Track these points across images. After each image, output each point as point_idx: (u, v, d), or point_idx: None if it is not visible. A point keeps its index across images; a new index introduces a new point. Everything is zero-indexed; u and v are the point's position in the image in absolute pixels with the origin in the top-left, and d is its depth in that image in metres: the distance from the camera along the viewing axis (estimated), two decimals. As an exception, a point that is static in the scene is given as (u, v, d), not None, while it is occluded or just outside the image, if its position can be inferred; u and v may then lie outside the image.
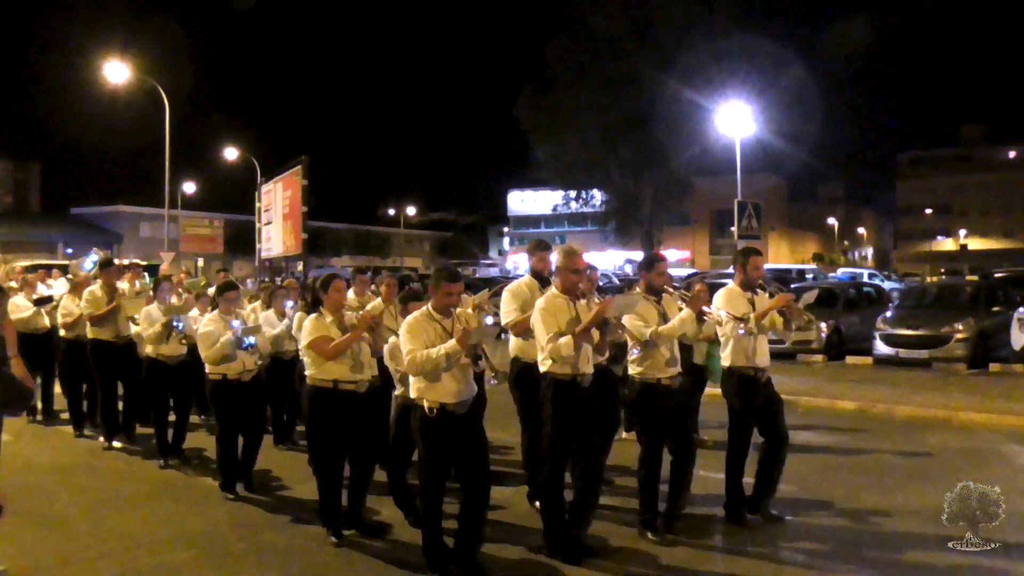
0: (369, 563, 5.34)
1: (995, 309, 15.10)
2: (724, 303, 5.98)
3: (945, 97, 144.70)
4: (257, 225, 31.81)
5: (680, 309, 5.68)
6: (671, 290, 5.82)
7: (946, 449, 8.46)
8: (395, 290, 7.64)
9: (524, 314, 5.90)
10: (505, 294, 6.28)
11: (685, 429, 5.97)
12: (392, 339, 5.78)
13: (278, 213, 28.01)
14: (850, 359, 14.82)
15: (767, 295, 6.15)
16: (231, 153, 42.56)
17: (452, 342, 4.85)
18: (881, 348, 14.55)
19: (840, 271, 39.22)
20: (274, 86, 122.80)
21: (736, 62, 38.23)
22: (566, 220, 61.62)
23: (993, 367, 13.47)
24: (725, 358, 6.09)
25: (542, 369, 5.33)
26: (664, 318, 5.68)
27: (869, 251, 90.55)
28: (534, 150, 43.54)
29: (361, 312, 6.09)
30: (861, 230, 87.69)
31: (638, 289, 5.94)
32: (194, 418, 9.20)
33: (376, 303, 7.58)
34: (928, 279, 39.78)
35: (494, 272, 53.02)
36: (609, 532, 5.72)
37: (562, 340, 5.12)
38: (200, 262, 51.09)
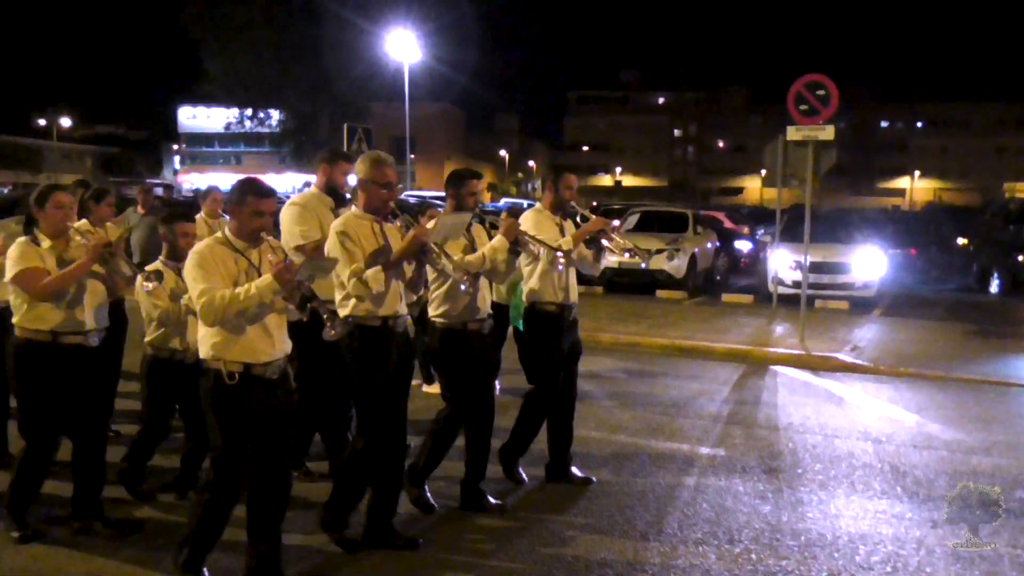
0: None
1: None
2: (532, 228, 5.10)
3: (607, 43, 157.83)
4: None
5: (490, 237, 4.82)
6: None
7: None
8: (113, 207, 5.97)
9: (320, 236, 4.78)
10: (291, 209, 4.99)
11: (489, 383, 5.12)
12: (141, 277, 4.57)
13: None
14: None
15: (576, 220, 5.41)
16: None
17: (267, 277, 3.64)
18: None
19: (503, 200, 42.42)
20: None
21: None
22: (242, 141, 59.54)
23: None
24: (529, 293, 5.25)
25: (341, 312, 4.24)
26: (473, 247, 4.79)
27: (539, 183, 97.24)
28: (205, 63, 41.47)
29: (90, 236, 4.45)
30: (531, 163, 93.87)
31: (444, 210, 4.97)
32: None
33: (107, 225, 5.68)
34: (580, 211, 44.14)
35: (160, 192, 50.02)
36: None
37: (369, 272, 4.12)
38: None
